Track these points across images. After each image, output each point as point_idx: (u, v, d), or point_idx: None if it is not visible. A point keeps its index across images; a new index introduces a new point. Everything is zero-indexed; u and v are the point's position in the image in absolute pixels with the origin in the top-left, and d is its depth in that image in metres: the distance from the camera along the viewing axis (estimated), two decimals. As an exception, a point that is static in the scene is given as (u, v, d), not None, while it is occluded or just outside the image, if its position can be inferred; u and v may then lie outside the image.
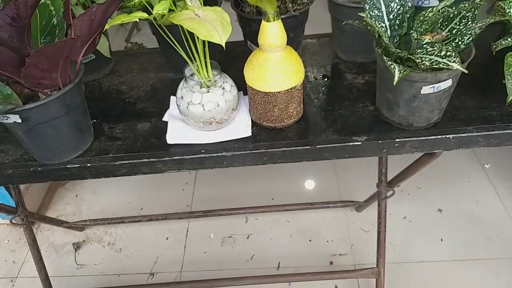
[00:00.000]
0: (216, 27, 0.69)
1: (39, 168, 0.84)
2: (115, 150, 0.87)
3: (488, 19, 0.78)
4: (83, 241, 1.73)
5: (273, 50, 0.80)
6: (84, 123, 0.86)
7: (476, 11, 0.80)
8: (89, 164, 0.85)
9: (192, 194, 1.89)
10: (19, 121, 0.74)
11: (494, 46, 0.83)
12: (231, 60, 1.11)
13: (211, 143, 0.86)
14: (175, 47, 0.79)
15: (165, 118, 0.94)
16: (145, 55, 1.20)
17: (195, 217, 1.73)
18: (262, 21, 0.77)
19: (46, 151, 0.82)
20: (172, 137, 0.87)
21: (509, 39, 0.84)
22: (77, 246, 1.70)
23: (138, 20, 0.69)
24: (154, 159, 0.84)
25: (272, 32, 0.77)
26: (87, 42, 0.76)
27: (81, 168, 0.85)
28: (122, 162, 0.84)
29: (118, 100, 1.02)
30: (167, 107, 0.97)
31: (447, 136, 0.84)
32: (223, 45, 0.67)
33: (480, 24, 0.79)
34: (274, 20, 0.76)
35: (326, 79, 1.04)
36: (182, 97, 0.85)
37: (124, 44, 2.88)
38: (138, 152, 0.86)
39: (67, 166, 0.84)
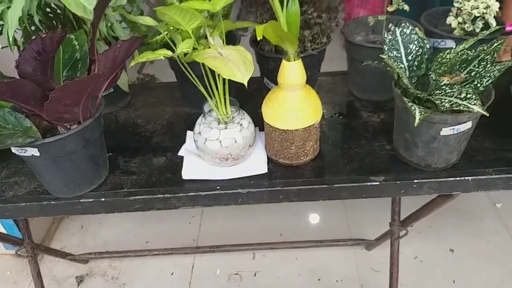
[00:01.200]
0: (239, 66, 0.69)
1: (53, 202, 0.83)
2: (129, 185, 0.86)
3: (508, 62, 0.79)
4: (87, 274, 1.69)
5: (293, 88, 0.80)
6: (101, 157, 0.86)
7: (495, 54, 0.81)
8: (103, 199, 0.84)
9: (199, 227, 1.86)
10: (37, 154, 0.74)
11: (513, 89, 0.83)
12: (246, 96, 1.11)
13: (226, 179, 0.85)
14: (195, 83, 0.80)
15: (180, 153, 0.94)
16: (161, 89, 1.22)
17: (201, 253, 1.70)
18: (283, 60, 0.78)
19: (61, 184, 0.82)
20: (188, 172, 0.87)
21: (526, 82, 0.84)
22: (80, 280, 1.66)
23: (163, 58, 0.70)
24: (169, 195, 0.83)
25: (292, 71, 0.78)
26: (109, 78, 0.77)
27: (94, 203, 0.84)
28: (137, 197, 0.83)
29: (134, 134, 1.03)
30: (183, 141, 0.97)
31: (466, 178, 0.83)
32: (245, 84, 0.68)
33: (499, 67, 0.79)
34: (294, 60, 0.77)
35: (341, 117, 1.04)
36: (199, 133, 0.85)
37: (136, 75, 2.93)
38: (153, 187, 0.85)
39: (81, 201, 0.83)
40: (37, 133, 0.74)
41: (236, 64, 0.70)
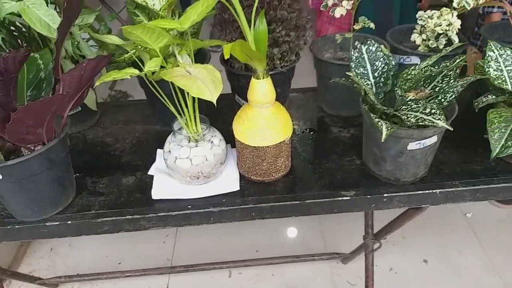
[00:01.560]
0: (208, 84, 0.69)
1: (17, 226, 0.80)
2: (97, 206, 0.84)
3: (470, 78, 0.82)
4: (56, 299, 1.62)
5: (263, 106, 0.80)
6: (67, 178, 0.83)
7: (458, 70, 0.83)
8: (69, 222, 0.81)
9: (173, 246, 1.83)
10: (0, 177, 0.71)
11: (476, 104, 0.86)
12: (218, 112, 1.11)
13: (198, 198, 0.84)
14: (164, 102, 0.79)
15: (150, 172, 0.92)
16: (131, 106, 1.20)
17: (176, 272, 1.66)
18: (252, 78, 0.79)
19: (25, 207, 0.79)
20: (158, 192, 0.85)
21: (489, 96, 0.87)
22: (49, 305, 1.59)
23: (129, 77, 0.69)
24: (138, 216, 0.81)
25: (262, 89, 0.78)
26: (75, 97, 0.75)
27: (60, 226, 0.81)
28: (105, 219, 0.81)
29: (103, 153, 1.00)
30: (153, 160, 0.95)
31: (434, 191, 0.85)
32: (214, 102, 0.68)
33: (462, 82, 0.82)
34: (263, 78, 0.78)
35: (312, 133, 1.05)
36: (169, 151, 0.84)
37: (108, 92, 2.88)
38: (121, 208, 0.83)
39: (46, 224, 0.80)
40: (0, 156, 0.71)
41: (204, 82, 0.70)
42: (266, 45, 0.77)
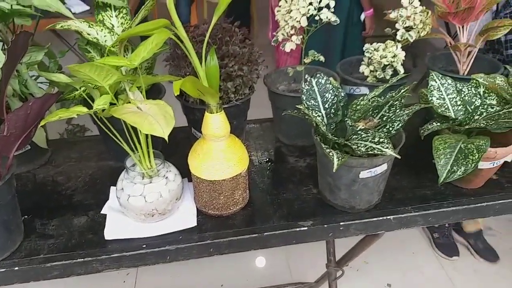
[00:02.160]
0: (159, 120, 0.69)
1: (-44, 276, 0.75)
2: (46, 250, 0.80)
3: (415, 107, 0.86)
4: None
5: (217, 139, 0.81)
6: (14, 222, 0.79)
7: (403, 100, 0.87)
8: (16, 268, 0.76)
9: (134, 286, 1.75)
10: None
11: (422, 131, 0.90)
12: (174, 145, 1.10)
13: (153, 237, 0.82)
14: (115, 138, 0.78)
15: (104, 211, 0.89)
16: (85, 143, 1.17)
17: (137, 312, 1.59)
18: (206, 112, 0.79)
19: (-35, 256, 0.74)
20: (111, 232, 0.82)
21: (434, 123, 0.92)
22: None
23: (76, 116, 0.67)
24: (90, 258, 0.78)
25: (216, 123, 0.79)
26: (21, 137, 0.73)
27: (7, 273, 0.76)
28: (54, 263, 0.77)
29: (54, 193, 0.96)
30: (107, 198, 0.92)
31: (388, 217, 0.87)
32: (166, 139, 0.67)
33: (408, 111, 0.85)
34: (217, 112, 0.78)
35: (270, 163, 1.06)
36: (122, 189, 0.81)
37: (65, 126, 2.80)
38: (72, 250, 0.79)
39: (-10, 271, 0.75)
40: None
41: (156, 119, 0.69)
42: (218, 80, 0.78)
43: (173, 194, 0.82)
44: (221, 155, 0.81)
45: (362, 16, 2.31)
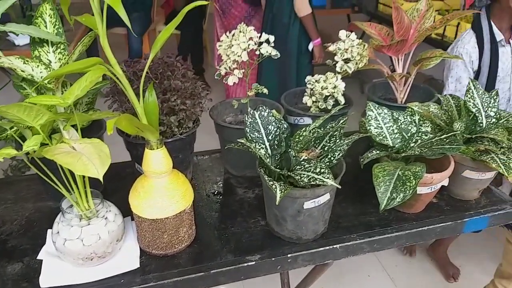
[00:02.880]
0: (93, 160, 0.66)
1: None
2: (-27, 304, 0.74)
3: (354, 136, 0.88)
4: None
5: (159, 176, 0.79)
6: None
7: (342, 130, 0.90)
8: None
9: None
10: None
11: (362, 160, 0.92)
12: (119, 181, 1.07)
13: (92, 282, 0.77)
14: (50, 180, 0.74)
15: (40, 256, 0.84)
16: (23, 182, 1.11)
17: None
18: (146, 148, 0.77)
19: None
20: (47, 279, 0.77)
21: (374, 151, 0.95)
22: None
23: (1, 160, 0.64)
24: (22, 310, 0.72)
25: (156, 159, 0.77)
26: None
27: None
28: (-19, 318, 0.71)
29: (-16, 239, 0.90)
30: (44, 242, 0.87)
31: (335, 246, 0.88)
32: (101, 179, 0.65)
33: (347, 141, 0.88)
34: (157, 148, 0.77)
35: (218, 196, 1.05)
36: (58, 232, 0.77)
37: (9, 162, 2.65)
38: (3, 302, 0.74)
39: None
40: None
41: (90, 159, 0.67)
42: (157, 116, 0.77)
43: (113, 235, 0.79)
44: (163, 192, 0.79)
45: (310, 46, 2.40)
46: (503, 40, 1.56)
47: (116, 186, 1.03)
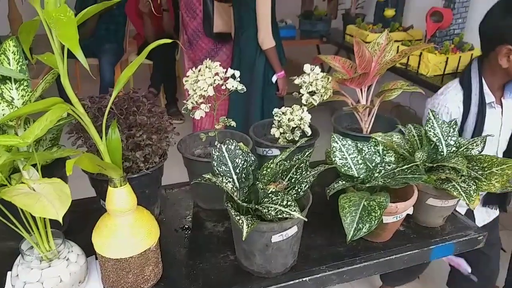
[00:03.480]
0: (53, 201, 0.65)
1: None
2: None
3: (319, 168, 0.90)
4: None
5: (123, 214, 0.77)
6: None
7: (308, 162, 0.91)
8: None
9: None
10: None
11: (328, 191, 0.93)
12: (85, 218, 1.04)
13: (53, 327, 0.74)
14: (8, 221, 0.72)
15: (-3, 302, 0.80)
16: (-18, 222, 1.06)
17: None
18: (109, 186, 0.76)
19: None
20: (3, 326, 0.73)
21: (340, 182, 0.96)
22: None
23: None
24: None
25: (120, 197, 0.76)
26: None
27: None
28: None
29: None
30: (4, 285, 0.83)
31: (304, 279, 0.87)
32: (61, 221, 0.63)
33: (313, 173, 0.89)
34: (121, 185, 0.76)
35: (186, 231, 1.03)
36: (17, 276, 0.74)
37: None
38: None
39: None
40: None
41: (50, 200, 0.65)
42: (120, 154, 0.76)
43: (75, 277, 0.76)
44: (127, 231, 0.78)
45: (274, 78, 2.42)
46: (494, 102, 1.40)
47: (81, 223, 1.00)
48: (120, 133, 0.87)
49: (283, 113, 1.11)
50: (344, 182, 0.94)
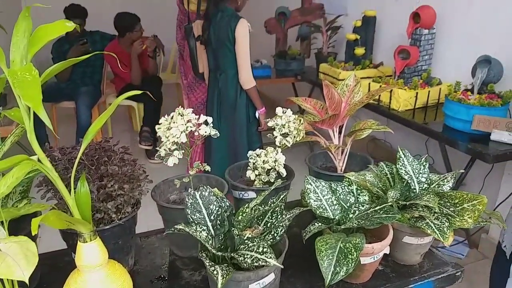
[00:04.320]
0: (19, 261, 0.63)
1: None
2: None
3: (295, 211, 0.90)
4: None
5: (93, 270, 0.75)
6: None
7: (283, 206, 0.91)
8: None
9: None
10: None
11: (304, 234, 0.93)
12: (57, 271, 1.01)
13: None
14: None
15: None
16: None
17: None
18: (78, 241, 0.74)
19: None
20: None
21: (316, 224, 0.96)
22: None
23: None
24: None
25: (90, 252, 0.74)
26: None
27: None
28: None
29: None
30: None
31: (284, 327, 0.85)
32: (27, 282, 0.60)
33: (289, 216, 0.89)
34: (91, 240, 0.74)
35: (162, 281, 1.00)
36: None
37: None
38: None
39: None
40: None
41: (16, 259, 0.63)
42: (89, 207, 0.75)
43: None
44: (98, 286, 0.75)
45: (257, 114, 2.48)
46: None
47: (53, 277, 0.97)
48: (91, 184, 0.87)
49: (257, 155, 1.11)
50: (320, 224, 0.94)
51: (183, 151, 0.97)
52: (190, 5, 2.80)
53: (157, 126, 0.97)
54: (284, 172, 1.12)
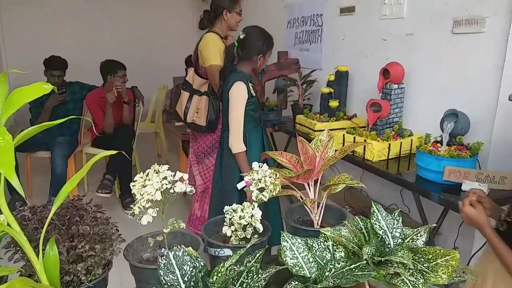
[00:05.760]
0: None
1: None
2: None
3: (271, 270, 0.88)
4: None
5: None
6: None
7: (258, 265, 0.90)
8: None
9: None
10: None
11: (281, 294, 0.91)
12: None
13: None
14: None
15: None
16: None
17: None
18: (44, 308, 0.70)
19: None
20: None
21: (292, 283, 0.94)
22: None
23: None
24: None
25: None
26: None
27: None
28: None
29: None
30: None
31: None
32: None
33: (265, 276, 0.88)
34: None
35: None
36: None
37: None
38: None
39: None
40: None
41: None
42: (58, 272, 0.72)
43: None
44: None
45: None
46: None
47: None
48: (60, 245, 0.84)
49: (234, 210, 1.11)
50: (296, 282, 0.93)
51: (157, 208, 0.96)
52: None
53: (131, 184, 0.96)
54: (260, 228, 1.12)
